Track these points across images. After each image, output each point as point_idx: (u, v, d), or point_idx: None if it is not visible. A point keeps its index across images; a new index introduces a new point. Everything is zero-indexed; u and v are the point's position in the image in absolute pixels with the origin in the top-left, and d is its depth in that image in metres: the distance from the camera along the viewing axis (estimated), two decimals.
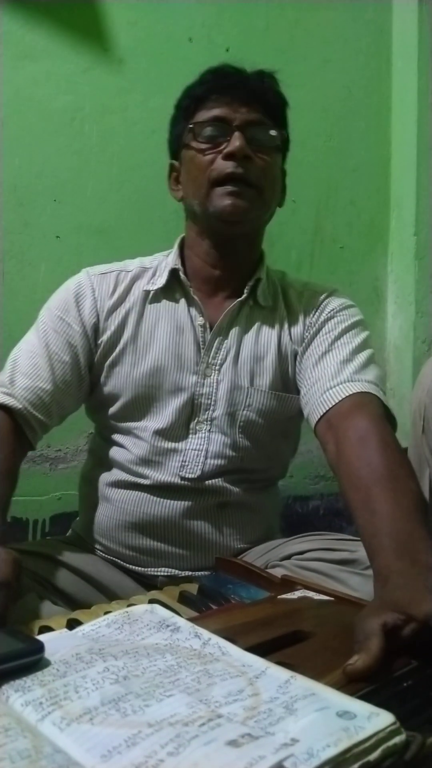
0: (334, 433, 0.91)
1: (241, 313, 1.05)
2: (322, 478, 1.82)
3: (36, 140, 1.53)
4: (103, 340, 1.03)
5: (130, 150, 1.62)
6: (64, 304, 1.04)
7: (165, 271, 1.05)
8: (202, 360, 1.02)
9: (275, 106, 1.02)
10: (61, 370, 1.00)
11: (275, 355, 1.04)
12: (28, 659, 0.53)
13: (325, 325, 1.04)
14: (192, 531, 1.01)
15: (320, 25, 1.86)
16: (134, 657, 0.54)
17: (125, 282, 1.05)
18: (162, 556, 1.01)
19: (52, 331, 1.02)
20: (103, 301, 1.03)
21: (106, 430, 1.07)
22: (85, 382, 1.03)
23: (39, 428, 0.98)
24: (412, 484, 0.80)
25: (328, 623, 0.69)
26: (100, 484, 1.06)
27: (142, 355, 1.02)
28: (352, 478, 0.82)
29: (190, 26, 1.67)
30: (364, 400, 0.92)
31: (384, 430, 0.87)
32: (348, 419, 0.90)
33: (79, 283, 1.05)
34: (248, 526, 1.05)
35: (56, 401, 0.99)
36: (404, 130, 1.95)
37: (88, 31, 1.56)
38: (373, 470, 0.80)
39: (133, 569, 1.03)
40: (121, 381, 1.02)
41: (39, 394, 0.97)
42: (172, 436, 1.01)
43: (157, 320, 1.03)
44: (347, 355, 1.00)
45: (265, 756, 0.39)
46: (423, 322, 1.93)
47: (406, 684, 0.53)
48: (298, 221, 1.84)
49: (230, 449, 1.02)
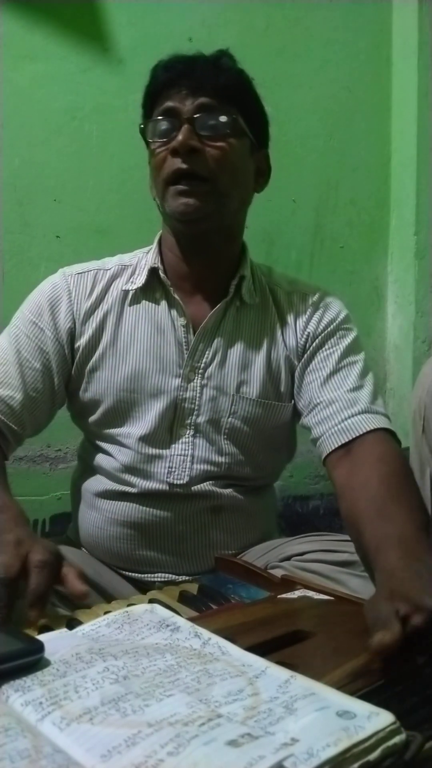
0: (351, 460, 0.91)
1: (227, 314, 1.01)
2: (322, 478, 1.81)
3: (36, 140, 1.53)
4: (81, 344, 1.00)
5: (130, 150, 1.61)
6: (37, 308, 1.00)
7: (144, 270, 1.01)
8: (185, 363, 0.99)
9: (231, 86, 0.94)
10: (32, 378, 0.97)
11: (264, 362, 1.01)
12: (28, 659, 0.53)
13: (328, 340, 1.01)
14: (186, 538, 0.99)
15: (320, 25, 1.86)
16: (134, 657, 0.54)
17: (103, 281, 1.01)
18: (157, 563, 1.00)
19: (24, 337, 0.99)
20: (80, 303, 1.00)
21: (92, 436, 1.04)
22: (58, 389, 1.00)
23: (12, 438, 0.97)
24: (423, 506, 0.83)
25: (328, 623, 0.69)
26: (89, 494, 1.04)
27: (122, 359, 0.99)
28: (367, 493, 0.83)
29: (190, 26, 1.67)
30: (386, 437, 0.93)
31: (402, 462, 0.89)
32: (369, 449, 0.90)
33: (54, 285, 1.01)
34: (243, 530, 1.03)
35: (28, 410, 0.97)
36: (404, 130, 1.95)
37: (88, 31, 1.56)
38: (389, 488, 0.82)
39: (128, 575, 1.02)
40: (102, 386, 0.99)
41: (9, 403, 0.95)
42: (156, 442, 0.98)
43: (137, 322, 1.00)
44: (357, 378, 0.99)
45: (265, 756, 0.39)
46: (423, 322, 1.93)
47: (406, 683, 0.53)
48: (298, 221, 1.83)
49: (217, 455, 0.99)
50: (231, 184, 0.94)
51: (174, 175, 0.92)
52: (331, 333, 1.02)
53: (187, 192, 0.91)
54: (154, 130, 0.95)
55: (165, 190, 0.93)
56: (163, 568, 1.00)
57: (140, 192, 1.63)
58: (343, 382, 0.98)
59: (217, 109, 0.92)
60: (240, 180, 0.97)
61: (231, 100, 0.94)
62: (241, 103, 0.95)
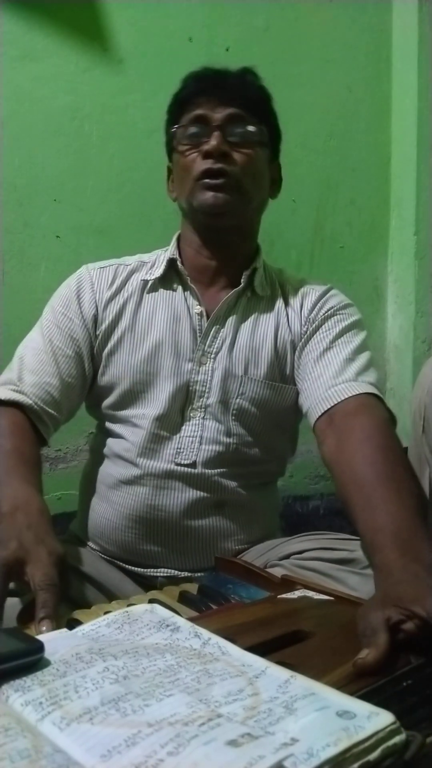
0: (336, 430, 0.92)
1: (238, 302, 1.06)
2: (322, 478, 1.82)
3: (36, 140, 1.53)
4: (102, 329, 1.05)
5: (130, 150, 1.62)
6: (65, 300, 1.07)
7: (163, 262, 1.07)
8: (198, 348, 1.03)
9: (256, 101, 1.04)
10: (66, 365, 1.02)
11: (272, 346, 1.05)
12: (28, 659, 0.53)
13: (326, 322, 1.05)
14: (190, 532, 1.01)
15: (320, 25, 1.86)
16: (134, 657, 0.54)
17: (123, 274, 1.08)
18: (160, 557, 1.01)
19: (55, 327, 1.05)
20: (102, 292, 1.06)
21: (105, 420, 1.08)
22: (89, 374, 1.06)
23: (51, 423, 1.00)
24: (413, 486, 0.81)
25: (328, 623, 0.69)
26: (98, 483, 1.06)
27: (139, 343, 1.04)
28: (354, 476, 0.83)
29: (190, 26, 1.67)
30: (370, 402, 0.94)
31: (388, 433, 0.89)
32: (353, 418, 0.91)
33: (79, 278, 1.08)
34: (247, 526, 1.05)
35: (64, 395, 1.02)
36: (404, 130, 1.95)
37: (88, 31, 1.56)
38: (377, 470, 0.81)
39: (132, 570, 1.03)
40: (119, 369, 1.04)
41: (47, 389, 1.00)
42: (168, 423, 1.02)
43: (155, 309, 1.05)
44: (349, 353, 1.01)
45: (265, 756, 0.39)
46: (423, 322, 1.93)
47: (406, 683, 0.53)
48: (298, 221, 1.84)
49: (224, 435, 1.02)
50: (253, 186, 1.03)
51: (203, 174, 0.99)
52: (330, 316, 1.06)
53: (217, 186, 0.99)
54: (183, 135, 1.03)
55: (194, 186, 1.00)
56: (167, 563, 1.01)
57: (140, 192, 1.64)
58: (335, 358, 1.01)
59: (245, 119, 1.01)
60: (260, 184, 1.05)
61: (256, 113, 1.03)
62: (264, 116, 1.05)
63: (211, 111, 1.01)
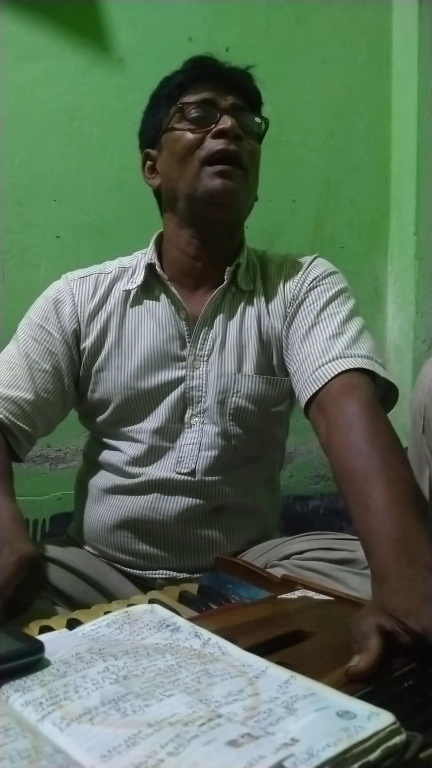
0: (325, 418, 0.88)
1: (224, 301, 1.03)
2: (322, 478, 1.81)
3: (36, 140, 1.53)
4: (86, 345, 1.02)
5: (130, 150, 1.60)
6: (43, 312, 1.03)
7: (142, 269, 1.03)
8: (189, 353, 1.01)
9: (256, 96, 1.03)
10: (42, 380, 1.00)
11: (257, 339, 1.02)
12: (28, 659, 0.53)
13: (308, 295, 1.00)
14: (188, 535, 1.00)
15: (320, 25, 1.86)
16: (134, 657, 0.54)
17: (105, 284, 1.04)
18: (158, 559, 1.01)
19: (31, 340, 1.01)
20: (84, 305, 1.03)
21: (100, 435, 1.06)
22: (69, 389, 1.03)
23: (24, 438, 0.98)
24: (404, 472, 0.77)
25: (328, 623, 0.69)
26: (95, 489, 1.05)
27: (127, 358, 1.01)
28: (343, 469, 0.80)
29: (190, 26, 1.67)
30: (354, 382, 0.88)
31: (374, 416, 0.83)
32: (337, 404, 0.86)
33: (57, 290, 1.04)
34: (245, 528, 1.04)
35: (39, 411, 0.99)
36: (404, 130, 1.95)
37: (88, 31, 1.56)
38: (364, 460, 0.77)
39: (130, 572, 1.02)
40: (109, 386, 1.01)
41: (20, 404, 0.97)
42: (167, 434, 1.00)
43: (140, 321, 1.02)
44: (336, 327, 0.95)
45: (265, 756, 0.39)
46: (423, 322, 1.93)
47: (406, 684, 0.53)
48: (298, 221, 1.83)
49: (222, 438, 1.00)
50: (255, 180, 1.01)
51: (216, 155, 0.94)
52: (312, 288, 1.01)
53: (227, 173, 0.95)
54: (188, 114, 0.98)
55: (200, 170, 0.95)
56: (165, 564, 1.01)
57: (140, 192, 1.63)
58: (320, 334, 0.95)
59: (248, 111, 1.00)
60: (257, 179, 1.03)
61: (255, 108, 1.03)
62: (259, 114, 1.03)
63: (219, 96, 0.97)
